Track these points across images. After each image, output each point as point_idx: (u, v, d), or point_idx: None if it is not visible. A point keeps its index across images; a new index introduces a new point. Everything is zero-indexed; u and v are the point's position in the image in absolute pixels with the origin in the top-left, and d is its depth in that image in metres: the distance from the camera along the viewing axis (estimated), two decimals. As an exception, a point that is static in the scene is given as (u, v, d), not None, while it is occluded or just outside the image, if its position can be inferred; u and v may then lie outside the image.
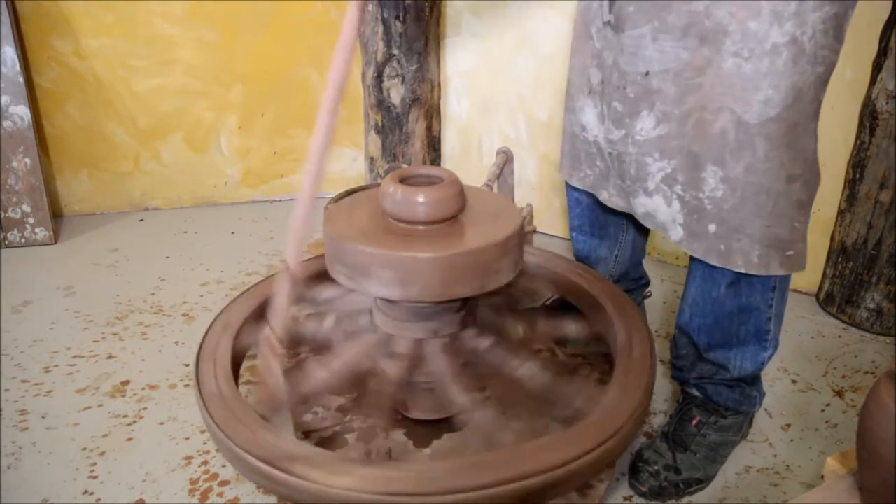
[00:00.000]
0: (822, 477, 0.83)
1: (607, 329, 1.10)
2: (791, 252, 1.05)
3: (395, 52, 2.00)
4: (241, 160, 2.35)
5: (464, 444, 1.09)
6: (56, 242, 2.09)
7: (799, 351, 1.59)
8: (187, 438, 1.31)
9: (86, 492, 1.19)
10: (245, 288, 1.25)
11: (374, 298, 1.05)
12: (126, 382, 1.47)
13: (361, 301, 1.11)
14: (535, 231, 1.61)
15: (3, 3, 1.89)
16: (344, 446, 1.13)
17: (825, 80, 0.98)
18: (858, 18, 0.98)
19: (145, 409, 1.39)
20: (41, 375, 1.49)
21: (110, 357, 1.56)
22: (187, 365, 1.53)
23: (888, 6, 1.48)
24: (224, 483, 1.20)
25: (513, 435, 1.02)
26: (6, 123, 1.95)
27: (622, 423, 0.86)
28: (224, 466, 1.23)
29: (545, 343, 1.34)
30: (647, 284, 1.49)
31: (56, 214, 2.22)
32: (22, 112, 1.96)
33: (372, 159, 2.20)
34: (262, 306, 1.15)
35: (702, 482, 1.19)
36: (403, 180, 0.98)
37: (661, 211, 1.09)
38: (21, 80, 1.94)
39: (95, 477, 1.22)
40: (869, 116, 1.55)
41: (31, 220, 2.05)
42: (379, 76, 2.04)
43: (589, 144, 1.18)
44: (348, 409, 1.20)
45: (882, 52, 1.51)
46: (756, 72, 0.94)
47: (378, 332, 1.05)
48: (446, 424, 1.11)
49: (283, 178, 2.42)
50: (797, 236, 1.04)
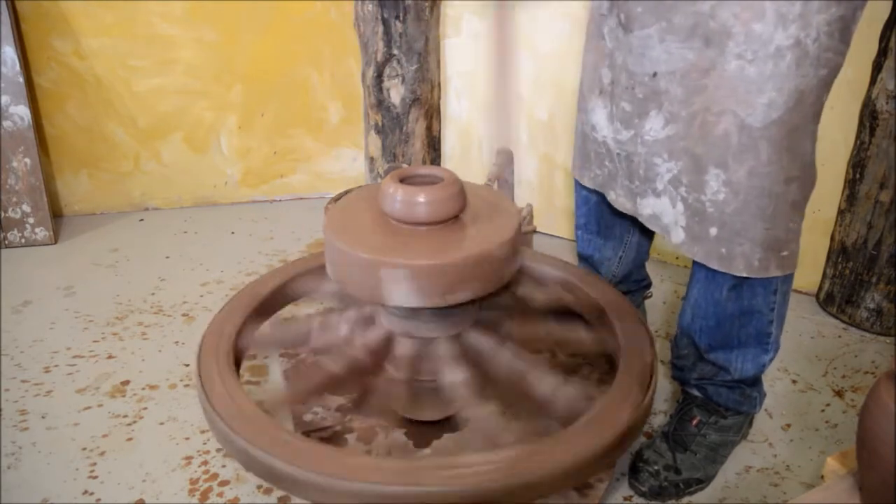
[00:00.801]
0: (822, 477, 0.83)
1: (608, 331, 1.10)
2: (786, 252, 1.05)
3: (395, 52, 2.00)
4: (241, 160, 2.35)
5: (464, 444, 1.09)
6: (56, 242, 2.09)
7: (799, 351, 1.59)
8: (187, 438, 1.31)
9: (86, 492, 1.19)
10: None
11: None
12: (126, 382, 1.47)
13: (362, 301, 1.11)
14: (535, 231, 1.61)
15: (3, 3, 1.89)
16: (344, 446, 1.13)
17: (828, 83, 0.97)
18: (859, 18, 0.98)
19: (145, 409, 1.39)
20: (41, 375, 1.49)
21: (110, 357, 1.56)
22: (187, 365, 1.53)
23: (888, 6, 1.48)
24: (224, 483, 1.20)
25: (513, 435, 1.02)
26: (6, 123, 1.95)
27: (623, 423, 0.86)
28: (224, 466, 1.23)
29: (546, 344, 1.34)
30: (649, 286, 1.49)
31: (56, 214, 2.22)
32: (22, 112, 1.96)
33: (372, 159, 2.20)
34: (262, 304, 1.15)
35: (702, 482, 1.19)
36: (403, 180, 0.98)
37: (666, 213, 1.09)
38: (21, 80, 1.94)
39: (95, 477, 1.22)
40: (869, 116, 1.55)
41: (31, 220, 2.05)
42: (379, 76, 2.04)
43: (598, 144, 1.18)
44: (348, 409, 1.20)
45: (882, 52, 1.51)
46: (760, 74, 0.94)
47: (380, 330, 1.05)
48: (446, 424, 1.11)
49: (283, 178, 2.42)
50: (791, 237, 1.05)
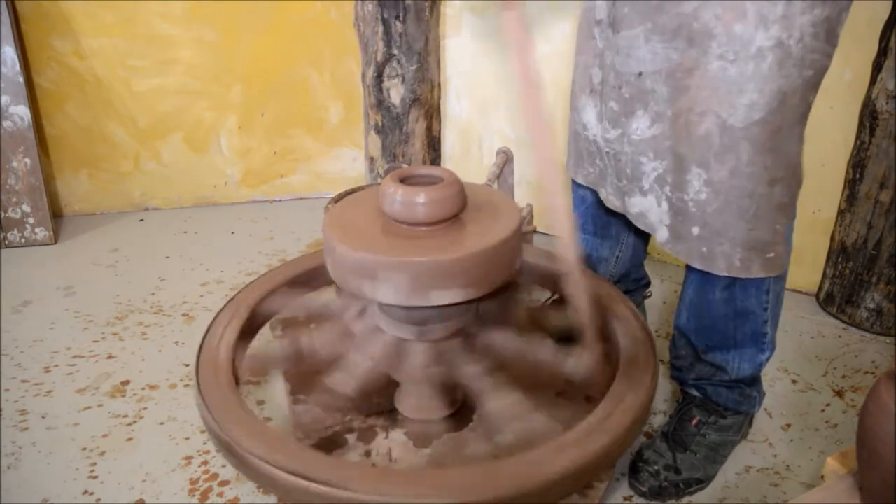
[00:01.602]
0: (822, 477, 0.83)
1: (608, 330, 1.10)
2: (772, 254, 1.05)
3: (395, 52, 2.00)
4: (241, 160, 2.35)
5: (464, 444, 1.09)
6: (56, 242, 2.09)
7: (799, 351, 1.59)
8: (187, 438, 1.31)
9: (86, 492, 1.19)
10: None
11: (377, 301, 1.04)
12: (126, 382, 1.47)
13: (363, 302, 1.11)
14: (535, 231, 1.61)
15: (3, 3, 1.89)
16: (344, 446, 1.13)
17: (814, 84, 0.97)
18: (858, 18, 0.98)
19: (145, 409, 1.39)
20: (41, 375, 1.49)
21: (110, 357, 1.56)
22: (187, 365, 1.53)
23: (888, 6, 1.48)
24: (224, 483, 1.20)
25: (513, 435, 1.02)
26: (6, 123, 1.95)
27: (623, 424, 0.86)
28: (224, 466, 1.23)
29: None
30: (648, 285, 1.50)
31: (56, 214, 2.22)
32: (22, 112, 1.96)
33: (372, 159, 2.20)
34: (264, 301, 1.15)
35: (702, 482, 1.19)
36: (403, 180, 0.98)
37: (652, 211, 1.10)
38: (21, 80, 1.94)
39: (95, 477, 1.22)
40: (869, 116, 1.55)
41: (31, 220, 2.05)
42: (379, 76, 2.04)
43: (589, 143, 1.19)
44: (348, 409, 1.20)
45: (882, 52, 1.51)
46: (741, 75, 0.94)
47: (381, 334, 1.05)
48: (446, 424, 1.11)
49: (283, 178, 2.42)
50: (778, 238, 1.04)
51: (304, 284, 1.22)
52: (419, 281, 0.91)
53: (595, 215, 1.33)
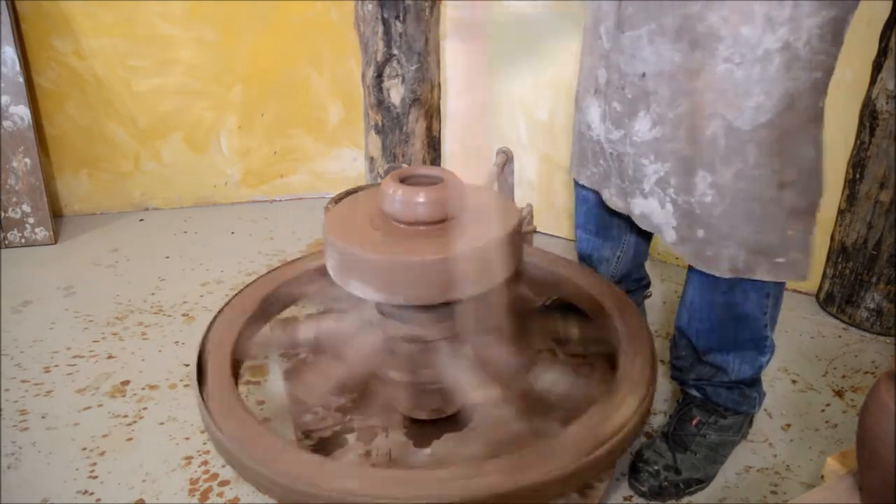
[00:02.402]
0: (822, 477, 0.83)
1: (609, 330, 1.10)
2: (782, 260, 1.03)
3: (395, 52, 2.00)
4: (241, 160, 2.35)
5: (464, 444, 1.09)
6: (56, 242, 2.09)
7: (799, 351, 1.59)
8: (187, 438, 1.31)
9: (86, 492, 1.19)
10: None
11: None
12: (126, 382, 1.47)
13: (362, 302, 1.11)
14: (535, 231, 1.61)
15: (3, 3, 1.89)
16: (344, 446, 1.13)
17: (823, 85, 0.97)
18: (858, 18, 0.97)
19: (145, 409, 1.39)
20: (41, 375, 1.49)
21: (110, 357, 1.56)
22: (187, 365, 1.53)
23: (888, 6, 1.48)
24: (224, 483, 1.20)
25: (512, 436, 1.02)
26: (6, 123, 1.95)
27: (623, 424, 0.86)
28: (224, 466, 1.23)
29: (545, 343, 1.34)
30: (649, 285, 1.49)
31: (56, 214, 2.22)
32: (22, 112, 1.96)
33: (372, 159, 2.20)
34: (264, 301, 1.15)
35: (702, 482, 1.19)
36: (403, 180, 0.98)
37: (655, 213, 1.09)
38: (21, 80, 1.94)
39: (95, 477, 1.22)
40: (869, 116, 1.55)
41: (31, 220, 2.05)
42: (379, 76, 2.04)
43: (593, 143, 1.19)
44: (348, 409, 1.20)
45: (882, 52, 1.51)
46: (748, 78, 0.93)
47: (379, 332, 1.05)
48: (446, 424, 1.11)
49: (283, 178, 2.42)
50: (790, 244, 1.03)
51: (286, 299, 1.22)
52: (418, 280, 0.91)
53: (597, 216, 1.33)
